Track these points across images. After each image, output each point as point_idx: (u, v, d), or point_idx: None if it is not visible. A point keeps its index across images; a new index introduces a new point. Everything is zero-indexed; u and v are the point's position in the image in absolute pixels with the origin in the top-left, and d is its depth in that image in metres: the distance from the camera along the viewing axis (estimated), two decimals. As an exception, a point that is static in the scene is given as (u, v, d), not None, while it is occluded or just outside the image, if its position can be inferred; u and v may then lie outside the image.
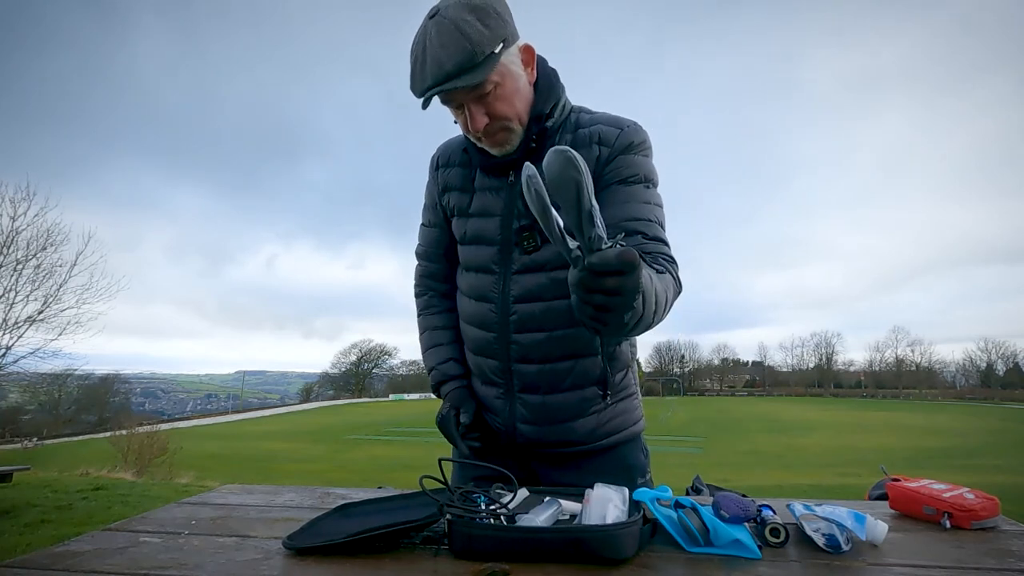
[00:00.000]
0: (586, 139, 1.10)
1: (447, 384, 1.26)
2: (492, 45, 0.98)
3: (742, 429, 35.44)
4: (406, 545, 0.85)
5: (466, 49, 0.95)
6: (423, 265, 1.37)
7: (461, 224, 1.20)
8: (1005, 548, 0.81)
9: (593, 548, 0.76)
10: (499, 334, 1.15)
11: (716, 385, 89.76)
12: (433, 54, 0.96)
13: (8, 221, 11.67)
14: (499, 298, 1.14)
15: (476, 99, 1.02)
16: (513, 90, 1.04)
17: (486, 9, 0.99)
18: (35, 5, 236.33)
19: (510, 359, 1.15)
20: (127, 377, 73.88)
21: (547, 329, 1.12)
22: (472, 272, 1.20)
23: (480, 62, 0.97)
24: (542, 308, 1.12)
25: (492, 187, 1.15)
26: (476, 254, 1.18)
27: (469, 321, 1.22)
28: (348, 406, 67.23)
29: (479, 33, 0.96)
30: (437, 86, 0.97)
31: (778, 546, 0.81)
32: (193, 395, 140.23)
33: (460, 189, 1.20)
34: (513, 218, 1.13)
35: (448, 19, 0.96)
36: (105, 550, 0.84)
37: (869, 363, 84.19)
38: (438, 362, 1.27)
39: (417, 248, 1.38)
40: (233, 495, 1.19)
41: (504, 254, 1.14)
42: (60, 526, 5.30)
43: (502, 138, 1.08)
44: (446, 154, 1.25)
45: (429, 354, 1.30)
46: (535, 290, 1.12)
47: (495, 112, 1.04)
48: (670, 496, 0.90)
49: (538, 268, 1.11)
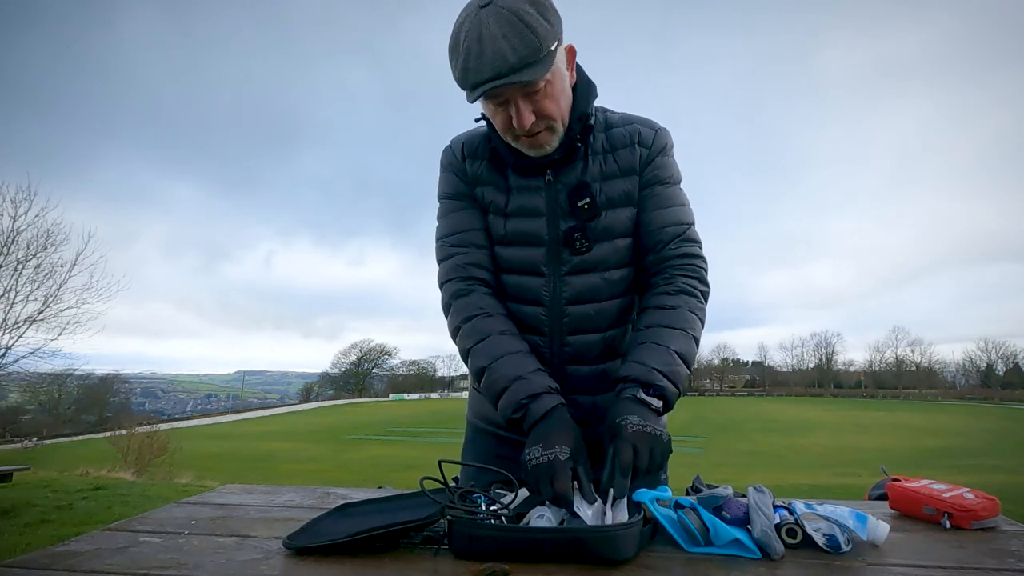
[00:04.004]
0: (625, 139, 1.11)
1: (542, 399, 0.98)
2: (553, 41, 0.96)
3: (742, 429, 35.44)
4: (406, 545, 0.85)
5: (532, 43, 0.92)
6: (464, 252, 1.12)
7: (499, 223, 1.14)
8: (1005, 548, 0.80)
9: (593, 548, 0.76)
10: (550, 337, 1.13)
11: (716, 385, 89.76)
12: (495, 45, 0.91)
13: (8, 221, 11.66)
14: (550, 299, 1.11)
15: (526, 95, 0.98)
16: (560, 90, 1.02)
17: (545, 4, 0.96)
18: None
19: (562, 362, 1.13)
20: (127, 377, 73.89)
21: (601, 330, 1.12)
22: (515, 274, 1.14)
23: (542, 57, 0.94)
24: (596, 309, 1.11)
25: (530, 186, 1.11)
26: (520, 255, 1.13)
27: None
28: (348, 406, 67.25)
29: (544, 27, 0.93)
30: (499, 78, 0.93)
31: (795, 547, 0.80)
32: (193, 395, 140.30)
33: (494, 185, 1.14)
34: (559, 218, 1.10)
35: (508, 9, 0.92)
36: (105, 550, 0.84)
37: (869, 363, 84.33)
38: (522, 372, 1.01)
39: (446, 240, 1.15)
40: (233, 495, 1.19)
41: (553, 254, 1.11)
42: (60, 526, 5.31)
43: (543, 138, 1.04)
44: (472, 145, 1.16)
45: (501, 363, 1.02)
46: (588, 291, 1.11)
47: (542, 110, 1.00)
48: (670, 496, 0.90)
49: (591, 269, 1.10)
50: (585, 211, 1.09)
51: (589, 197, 1.08)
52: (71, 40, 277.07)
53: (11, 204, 11.65)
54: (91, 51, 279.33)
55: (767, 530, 0.79)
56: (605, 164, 1.10)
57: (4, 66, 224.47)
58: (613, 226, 1.10)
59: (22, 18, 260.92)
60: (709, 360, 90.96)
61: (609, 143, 1.11)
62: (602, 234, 1.10)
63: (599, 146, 1.11)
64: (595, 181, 1.09)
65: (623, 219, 1.11)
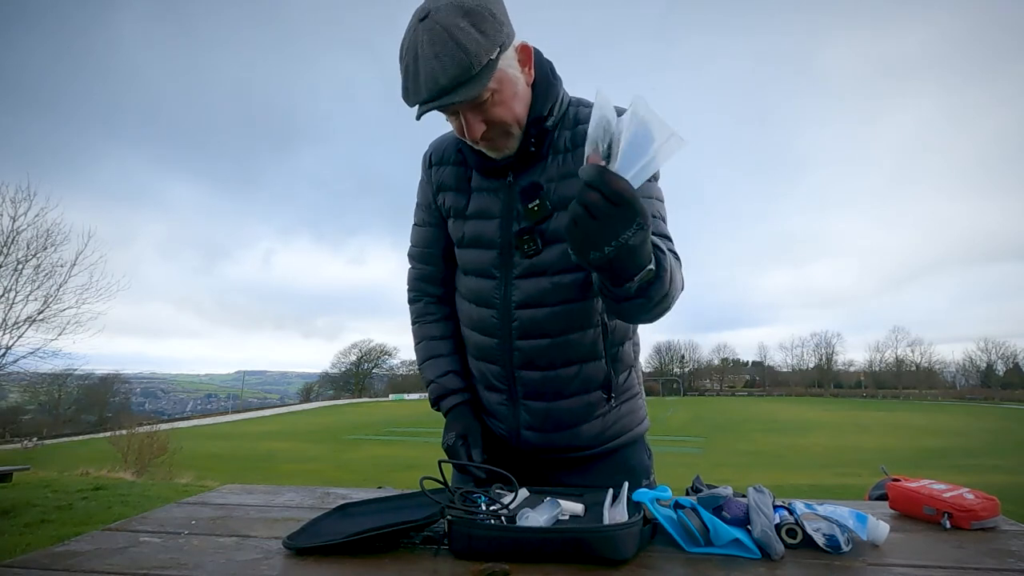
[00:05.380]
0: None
1: (447, 399, 1.20)
2: (489, 53, 0.92)
3: (742, 429, 35.44)
4: (406, 545, 0.85)
5: (462, 62, 0.89)
6: (417, 268, 1.29)
7: (458, 226, 1.16)
8: (1005, 548, 0.81)
9: (593, 548, 0.76)
10: (501, 340, 1.12)
11: (716, 385, 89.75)
12: (426, 66, 0.90)
13: (8, 221, 11.66)
14: (500, 303, 1.11)
15: (473, 107, 0.97)
16: (511, 94, 0.99)
17: (481, 13, 0.91)
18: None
19: (513, 365, 1.12)
20: (127, 377, 73.90)
21: (551, 335, 1.09)
22: (472, 276, 1.16)
23: (477, 73, 0.91)
24: (545, 313, 1.09)
25: (490, 188, 1.11)
26: (475, 257, 1.14)
27: (471, 326, 1.18)
28: (348, 406, 67.22)
29: (475, 42, 0.90)
30: (432, 101, 0.92)
31: (795, 547, 0.80)
32: (193, 395, 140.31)
33: (456, 189, 1.16)
34: (513, 220, 1.09)
35: (440, 25, 0.89)
36: (105, 550, 0.84)
37: (869, 363, 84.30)
38: (436, 375, 1.22)
39: (410, 250, 1.30)
40: (233, 495, 1.19)
41: (504, 258, 1.10)
42: (60, 526, 5.30)
43: (501, 143, 1.04)
44: (439, 151, 1.19)
45: (427, 366, 1.24)
46: (537, 295, 1.09)
47: (493, 118, 0.99)
48: (670, 496, 0.90)
49: (540, 272, 1.08)
50: (535, 212, 1.06)
51: (539, 199, 1.06)
52: (70, 39, 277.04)
53: (11, 204, 11.65)
54: (90, 50, 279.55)
55: (767, 530, 0.78)
56: (563, 163, 1.07)
57: (4, 66, 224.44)
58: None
59: (22, 18, 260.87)
60: (709, 360, 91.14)
61: (572, 141, 1.07)
62: (552, 236, 1.06)
63: (561, 144, 1.08)
64: (551, 181, 1.07)
65: None
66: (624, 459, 1.18)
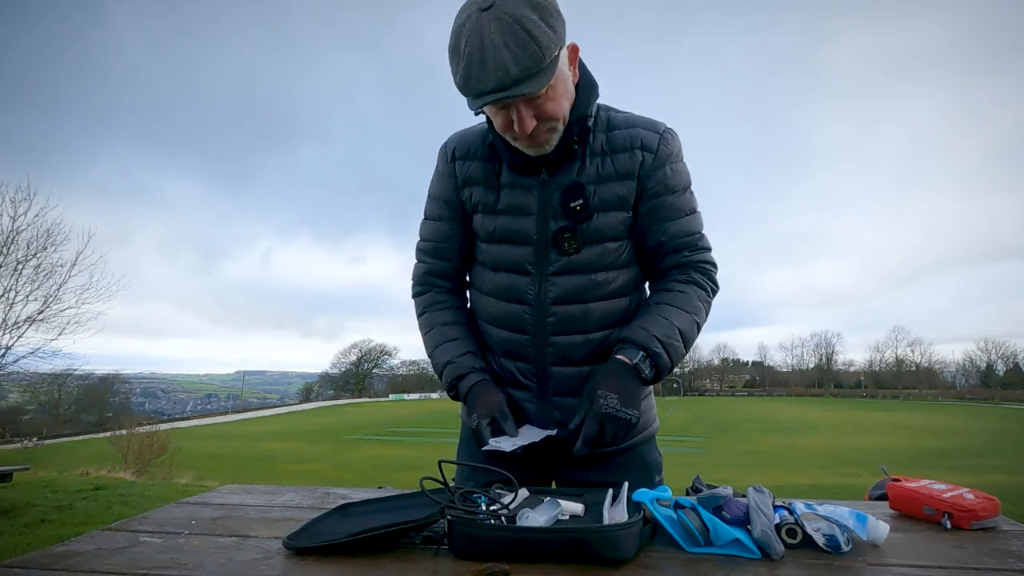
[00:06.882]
0: (626, 142, 1.09)
1: (468, 378, 1.14)
2: (556, 48, 0.93)
3: (742, 429, 35.45)
4: (406, 545, 0.85)
5: (535, 53, 0.90)
6: (428, 263, 1.25)
7: (488, 221, 1.14)
8: (1005, 548, 0.80)
9: (593, 548, 0.76)
10: (534, 336, 1.12)
11: (716, 385, 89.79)
12: (497, 55, 0.89)
13: (8, 221, 11.66)
14: (535, 299, 1.11)
15: (528, 101, 0.96)
16: (563, 91, 1.00)
17: (548, 8, 0.92)
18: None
19: (546, 362, 1.13)
20: (127, 377, 73.95)
21: (587, 331, 1.11)
22: (502, 272, 1.15)
23: (545, 67, 0.92)
24: (582, 310, 1.10)
25: (523, 184, 1.10)
26: (507, 253, 1.13)
27: (496, 323, 1.18)
28: (348, 406, 67.25)
29: (546, 35, 0.91)
30: (502, 90, 0.91)
31: (795, 547, 0.80)
32: (193, 395, 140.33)
33: (484, 184, 1.14)
34: (550, 217, 1.09)
35: (510, 16, 0.89)
36: (105, 550, 0.84)
37: (869, 363, 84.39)
38: (455, 355, 1.16)
39: (420, 244, 1.26)
40: (233, 495, 1.18)
41: (540, 254, 1.10)
42: (60, 526, 5.30)
43: (544, 139, 1.03)
44: (464, 144, 1.17)
45: (440, 350, 1.18)
46: (575, 292, 1.10)
47: (544, 113, 0.99)
48: (670, 496, 0.90)
49: (578, 270, 1.10)
50: (577, 212, 1.08)
51: (583, 198, 1.07)
52: (69, 39, 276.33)
53: (11, 204, 11.67)
54: (90, 50, 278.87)
55: (767, 530, 0.78)
56: (602, 166, 1.09)
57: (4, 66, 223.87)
58: (604, 229, 1.10)
59: (21, 18, 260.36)
60: (709, 360, 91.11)
61: (609, 145, 1.09)
62: (592, 236, 1.09)
63: (598, 147, 1.09)
64: (590, 183, 1.08)
65: (615, 223, 1.10)
66: (641, 455, 1.19)
